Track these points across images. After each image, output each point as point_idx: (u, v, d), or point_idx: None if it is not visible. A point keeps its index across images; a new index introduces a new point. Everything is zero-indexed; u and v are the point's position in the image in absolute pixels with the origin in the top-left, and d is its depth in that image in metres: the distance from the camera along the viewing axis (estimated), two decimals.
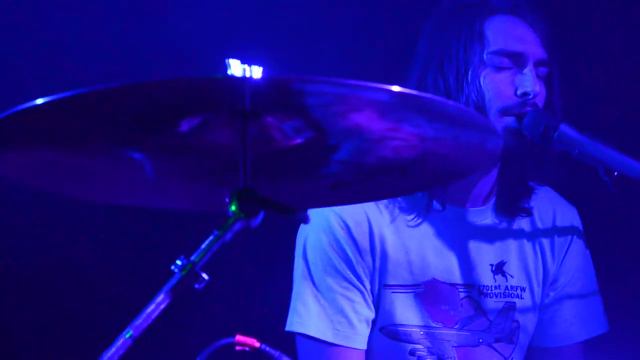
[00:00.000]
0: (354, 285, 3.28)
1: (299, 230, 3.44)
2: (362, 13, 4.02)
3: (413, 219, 3.32)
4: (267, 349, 2.43)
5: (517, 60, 3.17)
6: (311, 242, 3.36)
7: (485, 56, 3.17)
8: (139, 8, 4.36)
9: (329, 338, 3.23)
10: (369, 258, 3.31)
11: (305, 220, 2.18)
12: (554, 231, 3.52)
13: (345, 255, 3.30)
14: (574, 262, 3.53)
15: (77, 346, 3.35)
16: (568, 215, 3.56)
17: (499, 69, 3.16)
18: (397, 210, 3.34)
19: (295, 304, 3.36)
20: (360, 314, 3.29)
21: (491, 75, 3.14)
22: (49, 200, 4.23)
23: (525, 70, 3.16)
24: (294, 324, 3.29)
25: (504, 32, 3.21)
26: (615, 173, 3.09)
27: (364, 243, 3.30)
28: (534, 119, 3.13)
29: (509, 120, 3.09)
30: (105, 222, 3.53)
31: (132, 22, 4.34)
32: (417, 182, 2.69)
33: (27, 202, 4.38)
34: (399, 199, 3.34)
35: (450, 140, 2.27)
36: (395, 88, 1.98)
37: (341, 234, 3.28)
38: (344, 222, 3.29)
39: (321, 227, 3.34)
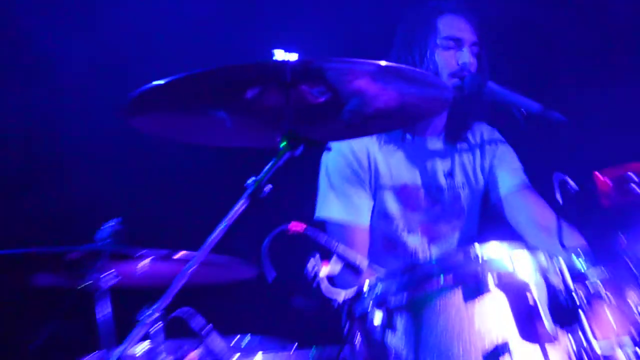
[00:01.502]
0: (360, 185, 3.68)
1: (322, 156, 3.76)
2: (366, 14, 4.23)
3: (392, 146, 3.72)
4: (310, 231, 2.52)
5: (458, 43, 3.59)
6: (331, 161, 3.73)
7: (438, 41, 3.60)
8: (218, 18, 4.49)
9: (344, 217, 3.63)
10: (366, 169, 3.71)
11: (329, 149, 2.68)
12: (483, 143, 3.89)
13: (352, 167, 3.69)
14: (504, 150, 3.88)
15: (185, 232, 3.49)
16: (491, 132, 3.94)
17: (446, 48, 3.57)
18: (382, 141, 3.74)
19: (321, 200, 3.75)
20: (364, 202, 3.69)
21: (442, 53, 3.59)
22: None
23: (464, 49, 3.59)
24: (321, 212, 3.67)
25: (450, 25, 3.64)
26: (523, 110, 3.49)
27: (364, 161, 3.70)
28: (471, 79, 3.56)
29: (455, 81, 3.48)
30: (208, 161, 3.54)
31: (215, 27, 4.47)
32: (398, 122, 3.16)
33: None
34: (383, 134, 3.75)
35: (418, 94, 2.63)
36: (382, 63, 2.37)
37: (350, 155, 3.69)
38: (351, 149, 3.68)
39: (338, 151, 3.70)
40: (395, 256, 3.70)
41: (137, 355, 2.64)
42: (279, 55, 2.38)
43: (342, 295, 2.48)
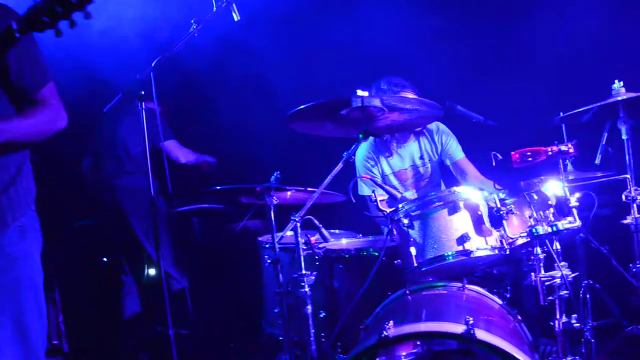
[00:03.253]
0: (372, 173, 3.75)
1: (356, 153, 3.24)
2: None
3: (387, 152, 3.75)
4: (370, 178, 2.89)
5: None
6: (358, 160, 3.75)
7: None
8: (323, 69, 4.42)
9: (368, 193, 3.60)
10: (376, 167, 3.76)
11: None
12: (435, 132, 3.84)
13: (368, 167, 3.77)
14: (448, 135, 3.80)
15: None
16: (440, 125, 3.83)
17: None
18: (383, 151, 3.76)
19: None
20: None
21: None
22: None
23: None
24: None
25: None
26: (474, 120, 3.64)
27: (373, 165, 3.77)
28: (447, 107, 3.49)
29: None
30: (325, 142, 3.25)
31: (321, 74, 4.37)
32: (409, 127, 3.45)
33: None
34: (381, 146, 3.71)
35: (422, 114, 2.83)
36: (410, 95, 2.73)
37: (364, 162, 3.76)
38: (365, 158, 3.75)
39: (360, 158, 3.71)
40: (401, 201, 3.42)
41: (288, 236, 2.82)
42: (359, 92, 2.66)
43: (387, 210, 2.74)
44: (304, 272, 2.71)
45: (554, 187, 2.58)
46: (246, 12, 3.14)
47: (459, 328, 2.18)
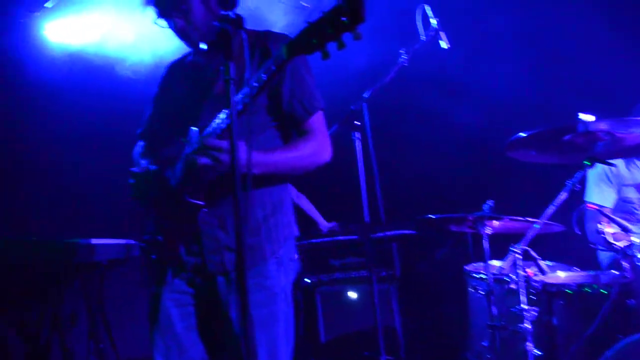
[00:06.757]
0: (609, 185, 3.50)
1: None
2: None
3: (633, 164, 3.47)
4: (599, 207, 2.80)
5: None
6: (592, 173, 3.42)
7: None
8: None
9: (598, 202, 3.40)
10: (613, 178, 3.50)
11: (614, 165, 2.69)
12: None
13: (607, 175, 3.52)
14: None
15: None
16: None
17: None
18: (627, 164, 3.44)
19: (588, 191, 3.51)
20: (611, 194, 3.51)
21: None
22: None
23: None
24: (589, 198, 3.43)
25: None
26: None
27: (610, 174, 3.50)
28: None
29: None
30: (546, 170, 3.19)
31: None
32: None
33: None
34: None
35: None
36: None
37: (603, 171, 3.48)
38: (604, 168, 3.46)
39: (598, 169, 3.33)
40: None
41: (505, 266, 2.74)
42: (583, 117, 2.52)
43: (620, 244, 2.57)
44: (525, 307, 2.57)
45: None
46: (454, 40, 3.02)
47: None
